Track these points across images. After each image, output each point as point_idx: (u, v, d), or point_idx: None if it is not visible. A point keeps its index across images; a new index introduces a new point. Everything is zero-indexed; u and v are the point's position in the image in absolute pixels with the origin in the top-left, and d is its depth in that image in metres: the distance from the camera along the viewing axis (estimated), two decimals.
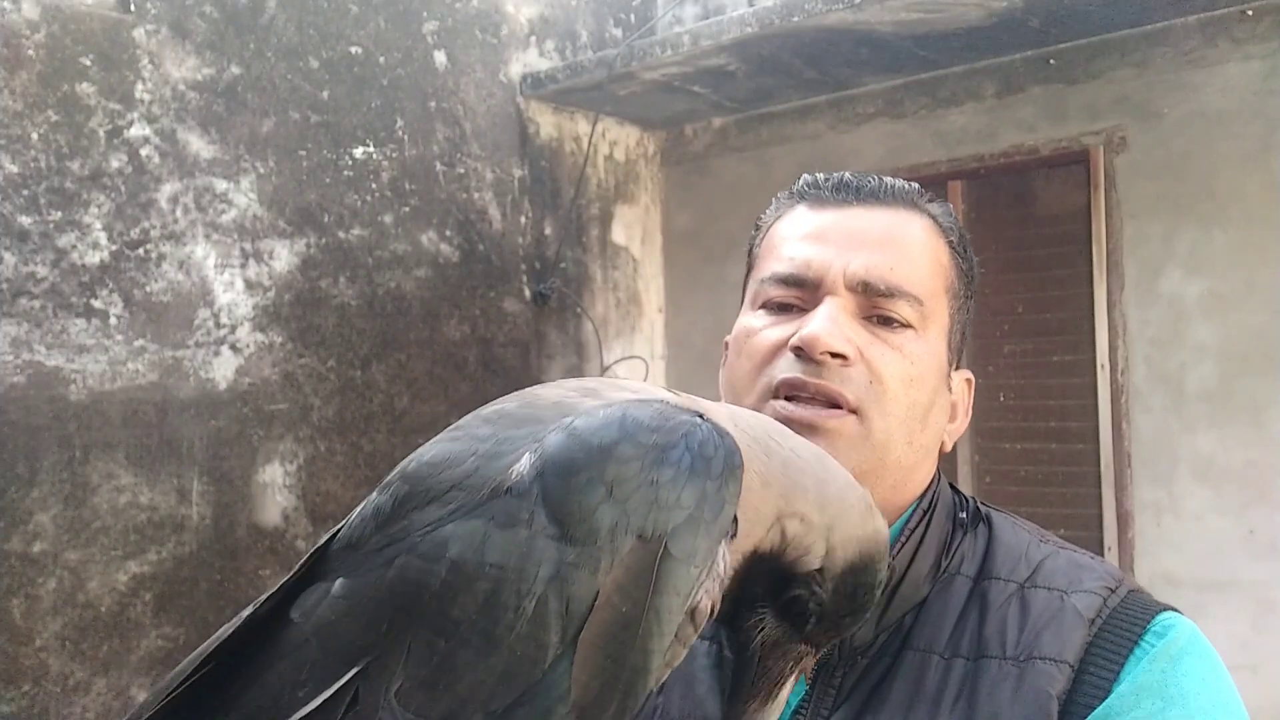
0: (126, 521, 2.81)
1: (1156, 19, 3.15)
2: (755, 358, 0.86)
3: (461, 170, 3.66)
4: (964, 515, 0.89)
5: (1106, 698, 0.74)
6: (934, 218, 0.90)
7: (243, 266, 3.07)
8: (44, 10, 2.70)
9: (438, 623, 0.57)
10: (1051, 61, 3.40)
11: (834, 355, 0.82)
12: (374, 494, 0.65)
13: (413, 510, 0.61)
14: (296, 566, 0.65)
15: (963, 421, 0.93)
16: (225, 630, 0.64)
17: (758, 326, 0.87)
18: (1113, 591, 0.80)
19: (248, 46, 3.10)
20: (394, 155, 3.45)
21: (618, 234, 4.23)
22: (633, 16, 4.23)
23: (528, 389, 0.70)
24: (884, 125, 3.78)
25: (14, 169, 2.64)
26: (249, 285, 3.09)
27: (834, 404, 0.82)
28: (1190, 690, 0.74)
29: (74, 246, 2.74)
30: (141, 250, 2.87)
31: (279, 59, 3.17)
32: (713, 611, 0.62)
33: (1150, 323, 3.22)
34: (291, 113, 3.19)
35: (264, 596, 0.64)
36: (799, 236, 0.88)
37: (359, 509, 0.65)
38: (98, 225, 2.79)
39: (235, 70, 3.07)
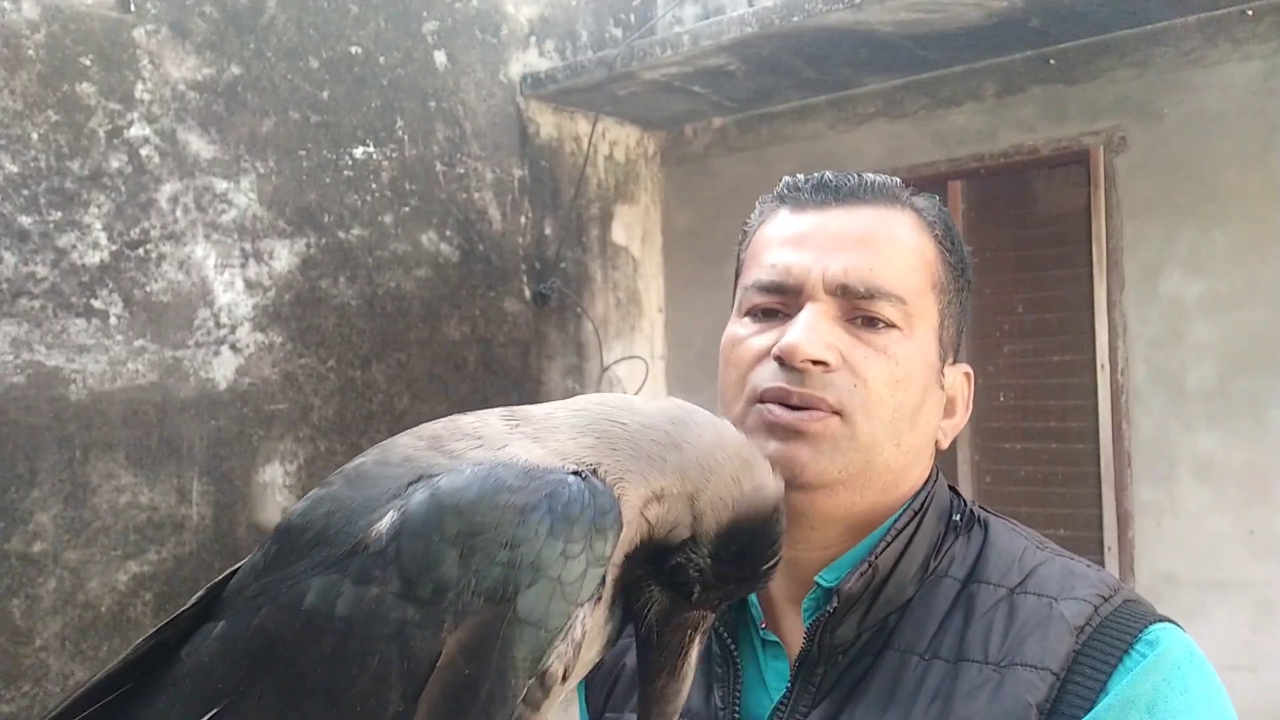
0: (126, 521, 2.81)
1: (1156, 19, 3.15)
2: (741, 366, 0.85)
3: (461, 170, 3.66)
4: (958, 518, 0.88)
5: (1091, 709, 0.72)
6: (918, 211, 0.88)
7: (243, 266, 3.07)
8: (44, 10, 2.70)
9: (289, 672, 0.58)
10: (1051, 61, 3.40)
11: (815, 362, 0.81)
12: (256, 548, 0.68)
13: (283, 563, 0.63)
14: (191, 601, 0.67)
15: (962, 417, 0.92)
16: (130, 654, 0.66)
17: (743, 335, 0.87)
18: (1105, 600, 0.78)
19: (248, 46, 3.10)
20: (394, 155, 3.45)
21: (618, 234, 4.23)
22: (633, 16, 4.23)
23: (388, 440, 0.71)
24: (884, 125, 3.78)
25: (14, 169, 2.64)
26: (249, 285, 3.09)
27: (818, 408, 0.82)
28: (1181, 707, 0.71)
29: (74, 246, 2.74)
30: (141, 250, 2.87)
31: (279, 59, 3.17)
32: (565, 677, 0.61)
33: (1150, 323, 3.22)
34: (291, 113, 3.19)
35: (164, 624, 0.67)
36: (780, 242, 0.87)
37: (249, 557, 0.68)
38: (98, 225, 2.78)
39: (235, 70, 3.07)
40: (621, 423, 0.67)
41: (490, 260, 3.73)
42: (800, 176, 0.91)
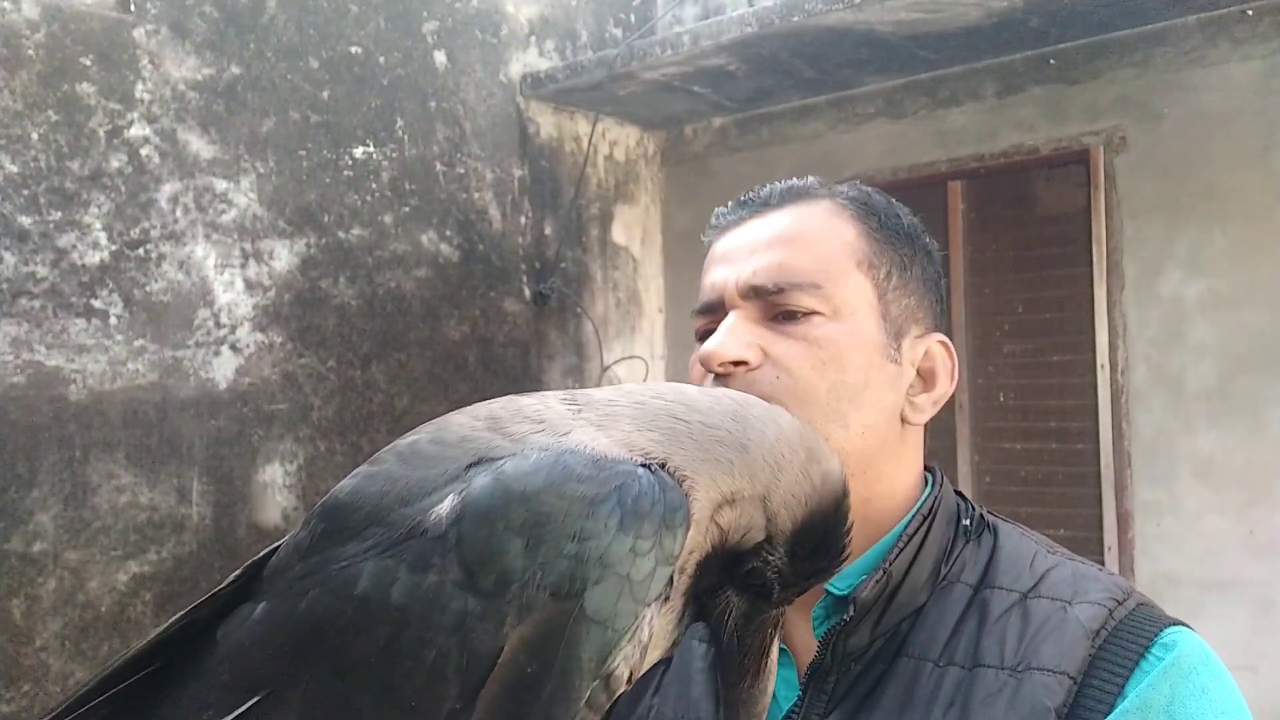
0: (126, 521, 2.81)
1: (1156, 19, 3.15)
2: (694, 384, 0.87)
3: (461, 170, 3.66)
4: (967, 523, 0.87)
5: (1109, 712, 0.72)
6: (834, 198, 0.90)
7: (243, 266, 3.07)
8: (44, 10, 2.70)
9: (338, 661, 0.55)
10: (1051, 61, 3.40)
11: (736, 363, 0.82)
12: (299, 526, 0.64)
13: (332, 544, 0.59)
14: (229, 578, 0.64)
15: (946, 386, 0.90)
16: (160, 633, 0.63)
17: (693, 358, 0.89)
18: (1119, 604, 0.78)
19: (248, 46, 3.10)
20: (394, 155, 3.45)
21: (618, 234, 4.23)
22: (633, 16, 4.23)
23: (441, 418, 0.68)
24: (884, 125, 3.78)
25: (14, 169, 2.64)
26: (249, 285, 3.09)
27: None
28: (1199, 710, 0.72)
29: (74, 246, 2.74)
30: (141, 250, 2.87)
31: (279, 59, 3.17)
32: (631, 679, 0.59)
33: (1150, 323, 3.22)
34: (291, 113, 3.19)
35: (197, 602, 0.63)
36: (710, 266, 0.91)
37: (290, 534, 0.64)
38: (98, 225, 2.78)
39: (235, 70, 3.07)
40: (684, 420, 0.65)
41: (490, 260, 3.73)
42: (729, 202, 0.95)
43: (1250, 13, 3.04)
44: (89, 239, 2.77)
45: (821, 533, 0.66)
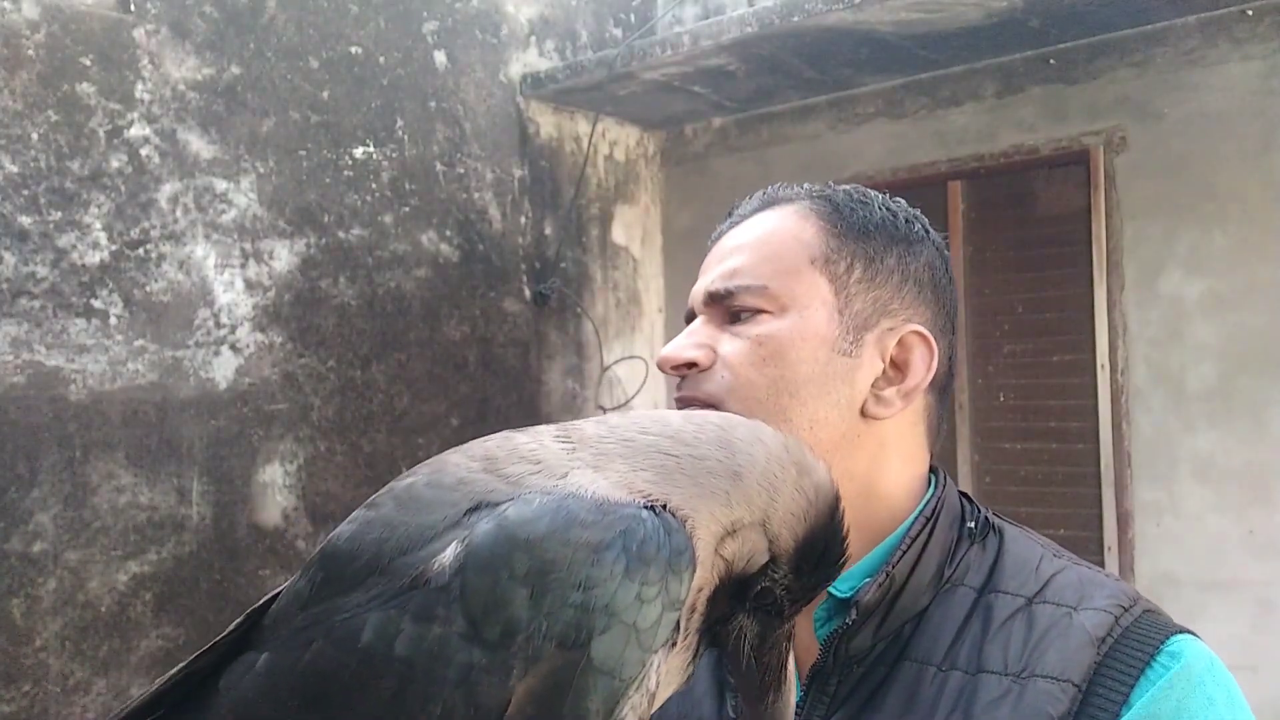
0: (126, 521, 2.81)
1: (1156, 19, 3.15)
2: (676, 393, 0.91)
3: (461, 170, 3.66)
4: (972, 525, 0.86)
5: None
6: (806, 199, 0.91)
7: (243, 266, 3.07)
8: (44, 10, 2.70)
9: (344, 715, 0.55)
10: (1051, 61, 3.40)
11: (688, 365, 0.86)
12: (299, 572, 0.63)
13: (334, 594, 0.59)
14: (230, 627, 0.64)
15: (921, 376, 0.87)
16: (161, 685, 0.62)
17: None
18: (1125, 610, 0.77)
19: (248, 46, 3.10)
20: (394, 155, 3.45)
21: (618, 234, 4.23)
22: (633, 16, 4.23)
23: (436, 458, 0.67)
24: (884, 125, 3.78)
25: (14, 169, 2.64)
26: (249, 285, 3.09)
27: (692, 405, 0.85)
28: None
29: (74, 246, 2.74)
30: (141, 250, 2.87)
31: (279, 59, 3.17)
32: None
33: (1150, 323, 3.22)
34: (291, 113, 3.19)
35: (198, 653, 0.63)
36: (700, 275, 0.93)
37: (290, 582, 0.64)
38: (98, 225, 2.78)
39: (235, 70, 3.07)
40: (674, 455, 0.64)
41: (490, 260, 3.73)
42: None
43: (1250, 13, 3.04)
44: (89, 239, 2.77)
45: (823, 544, 0.67)
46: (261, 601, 0.65)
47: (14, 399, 2.62)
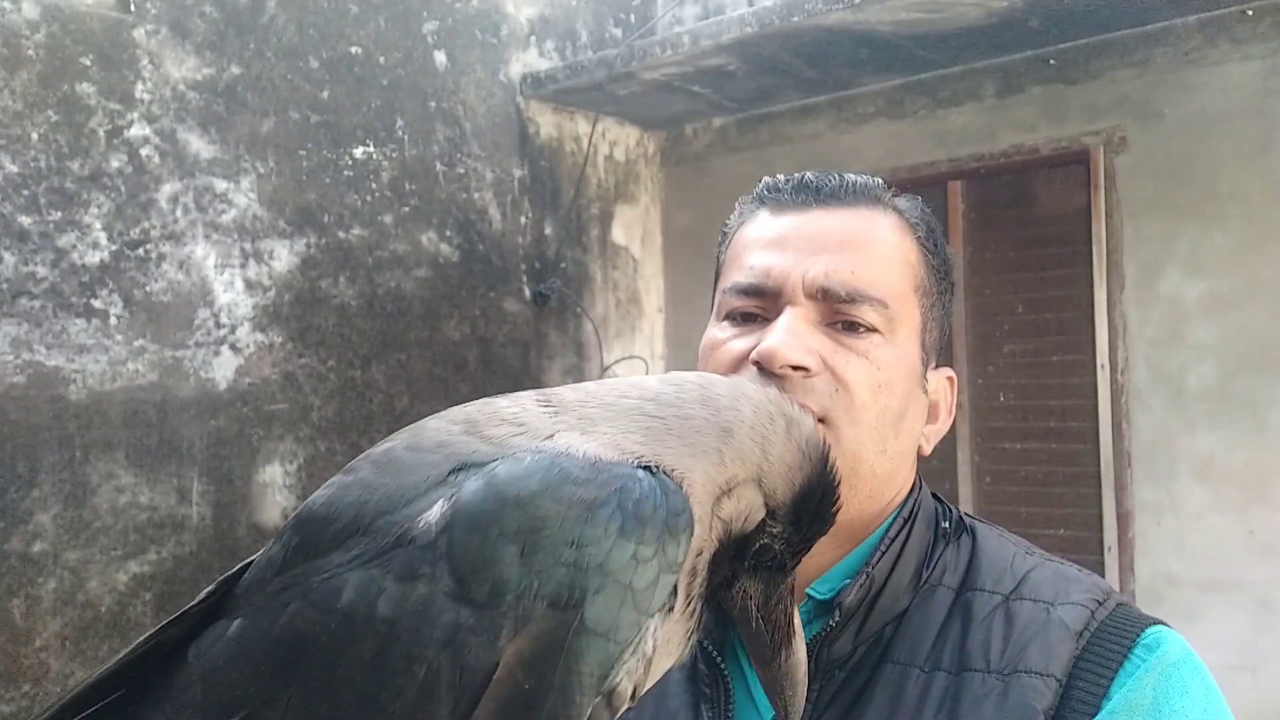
0: (126, 521, 2.80)
1: (1156, 19, 3.15)
2: (720, 371, 0.82)
3: (461, 170, 3.66)
4: (946, 525, 0.86)
5: (1096, 713, 0.72)
6: (900, 213, 0.87)
7: (243, 266, 3.07)
8: (44, 10, 2.70)
9: (321, 680, 0.52)
10: (1051, 61, 3.40)
11: (795, 368, 0.79)
12: (272, 541, 0.60)
13: (310, 557, 0.56)
14: (200, 596, 0.61)
15: (945, 422, 0.90)
16: (125, 655, 0.59)
17: (722, 339, 0.85)
18: (1100, 604, 0.78)
19: (248, 46, 3.10)
20: (394, 155, 3.45)
21: (618, 234, 4.23)
22: (633, 16, 4.23)
23: (414, 424, 0.65)
24: (884, 125, 3.78)
25: (14, 169, 2.64)
26: (249, 285, 3.09)
27: None
28: (1182, 708, 0.72)
29: (74, 246, 2.74)
30: (141, 250, 2.87)
31: (279, 59, 3.17)
32: (634, 695, 0.56)
33: (1150, 323, 3.22)
34: (291, 113, 3.19)
35: (166, 622, 0.60)
36: (759, 244, 0.85)
37: (263, 550, 0.61)
38: (98, 225, 2.78)
39: (235, 70, 3.07)
40: (658, 416, 0.62)
41: (490, 260, 3.73)
42: (781, 177, 0.90)
43: (1250, 13, 3.03)
44: (89, 239, 2.77)
45: (819, 493, 0.65)
46: (232, 571, 0.62)
47: (14, 399, 2.62)
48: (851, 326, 0.81)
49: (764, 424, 0.64)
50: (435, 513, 0.54)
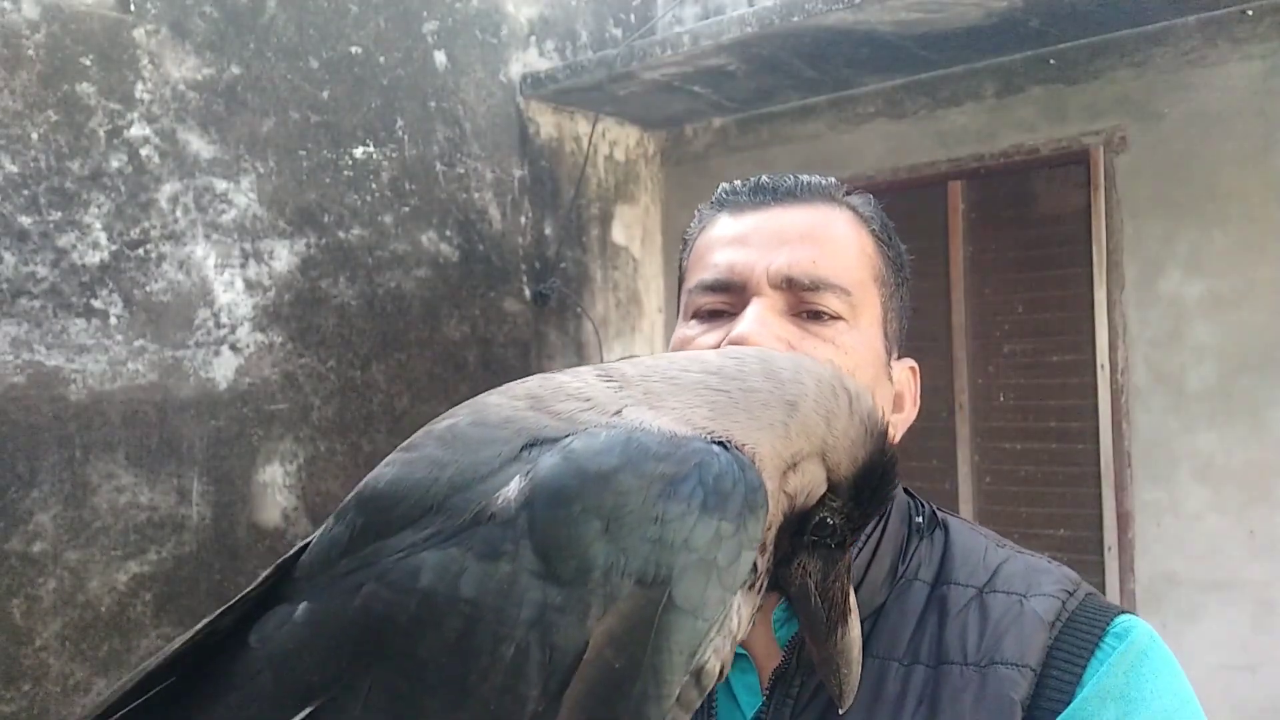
0: (126, 521, 2.81)
1: (1156, 19, 3.15)
2: None
3: (461, 170, 3.66)
4: (920, 520, 0.87)
5: (1070, 701, 0.74)
6: (854, 209, 0.90)
7: (243, 266, 3.07)
8: (44, 10, 2.70)
9: (403, 663, 0.51)
10: (1051, 61, 3.40)
11: None
12: (331, 520, 0.59)
13: (380, 536, 0.55)
14: (256, 581, 0.59)
15: (910, 411, 0.92)
16: (178, 646, 0.57)
17: (691, 335, 0.86)
18: (1070, 594, 0.80)
19: (248, 46, 3.10)
20: (394, 155, 3.45)
21: (618, 234, 4.23)
22: (633, 16, 4.23)
23: (472, 400, 0.63)
24: (884, 125, 3.78)
25: (14, 169, 2.64)
26: (249, 285, 3.09)
27: None
28: (1152, 692, 0.74)
29: (74, 246, 2.74)
30: (141, 250, 2.87)
31: (279, 59, 3.17)
32: (722, 673, 0.56)
33: (1150, 323, 3.22)
34: (291, 113, 3.19)
35: (221, 610, 0.58)
36: (723, 243, 0.88)
37: (320, 530, 0.60)
38: (98, 225, 2.78)
39: (235, 70, 3.07)
40: (724, 390, 0.61)
41: (490, 260, 3.73)
42: (738, 182, 0.94)
43: (1250, 13, 3.03)
44: (89, 239, 2.77)
45: (880, 469, 0.65)
46: (288, 555, 0.60)
47: (14, 399, 2.62)
48: (816, 315, 0.84)
49: (828, 398, 0.63)
50: (513, 489, 0.53)
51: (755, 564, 0.57)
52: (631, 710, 0.50)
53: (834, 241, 0.86)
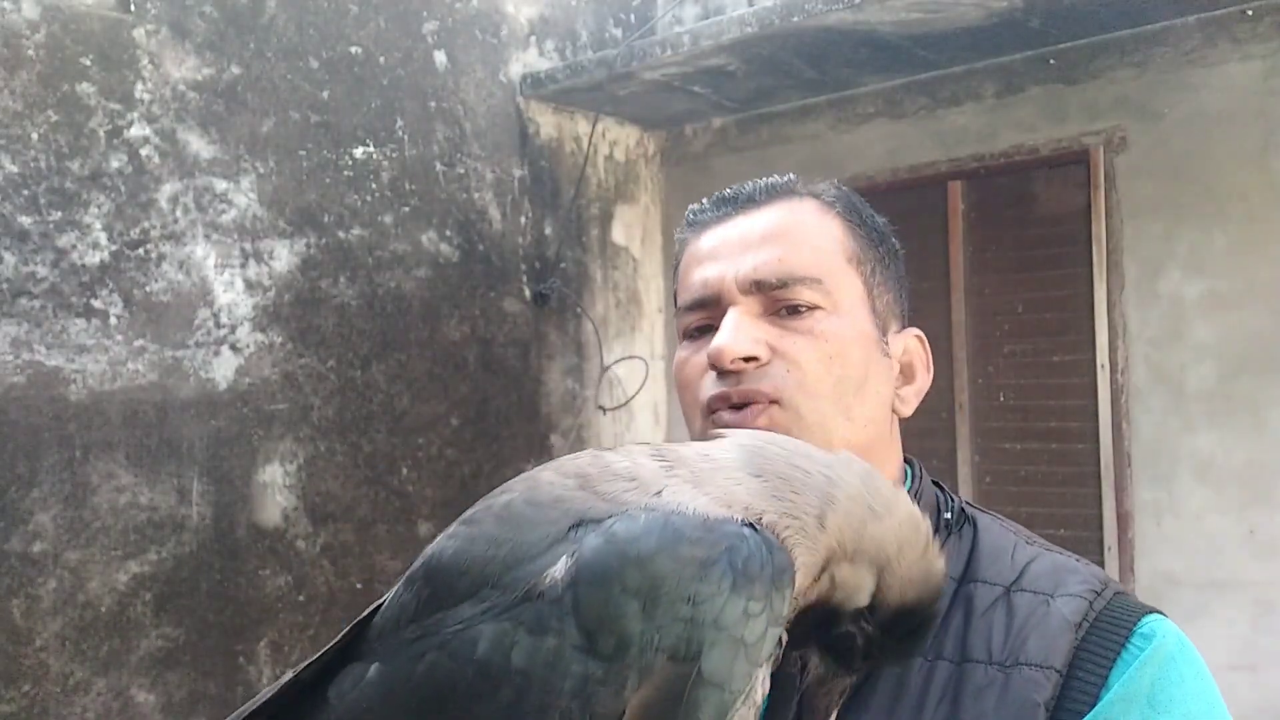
0: (126, 521, 2.81)
1: (1156, 19, 3.15)
2: (690, 385, 0.87)
3: (461, 170, 3.66)
4: (949, 515, 0.88)
5: (1095, 704, 0.74)
6: (817, 197, 0.91)
7: (243, 266, 3.07)
8: (44, 10, 2.70)
9: None
10: (1051, 61, 3.40)
11: (747, 359, 0.83)
12: (400, 585, 0.65)
13: (443, 607, 0.61)
14: (337, 638, 0.65)
15: (924, 378, 0.93)
16: (268, 694, 0.64)
17: (685, 356, 0.90)
18: (1098, 595, 0.79)
19: (248, 46, 3.10)
20: (394, 155, 3.45)
21: (618, 234, 4.23)
22: (633, 16, 4.23)
23: (528, 474, 0.68)
24: (884, 125, 3.78)
25: (14, 169, 2.64)
26: (249, 285, 3.09)
27: (756, 401, 0.83)
28: (1179, 698, 0.74)
29: (74, 246, 2.74)
30: (141, 250, 2.87)
31: (279, 59, 3.17)
32: None
33: (1150, 323, 3.22)
34: (291, 113, 3.19)
35: (306, 663, 0.64)
36: (696, 263, 0.91)
37: (392, 592, 0.65)
38: (98, 225, 2.79)
39: (235, 70, 3.07)
40: (805, 470, 0.65)
41: (490, 260, 3.73)
42: (704, 200, 0.97)
43: (1250, 13, 3.03)
44: (89, 239, 2.77)
45: (921, 619, 0.68)
46: (365, 613, 0.66)
47: (14, 399, 2.62)
48: (794, 310, 0.85)
49: (909, 528, 0.67)
50: (560, 569, 0.58)
51: (780, 639, 0.60)
52: None
53: (798, 234, 0.88)
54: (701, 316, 0.89)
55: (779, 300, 0.85)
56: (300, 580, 3.13)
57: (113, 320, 2.81)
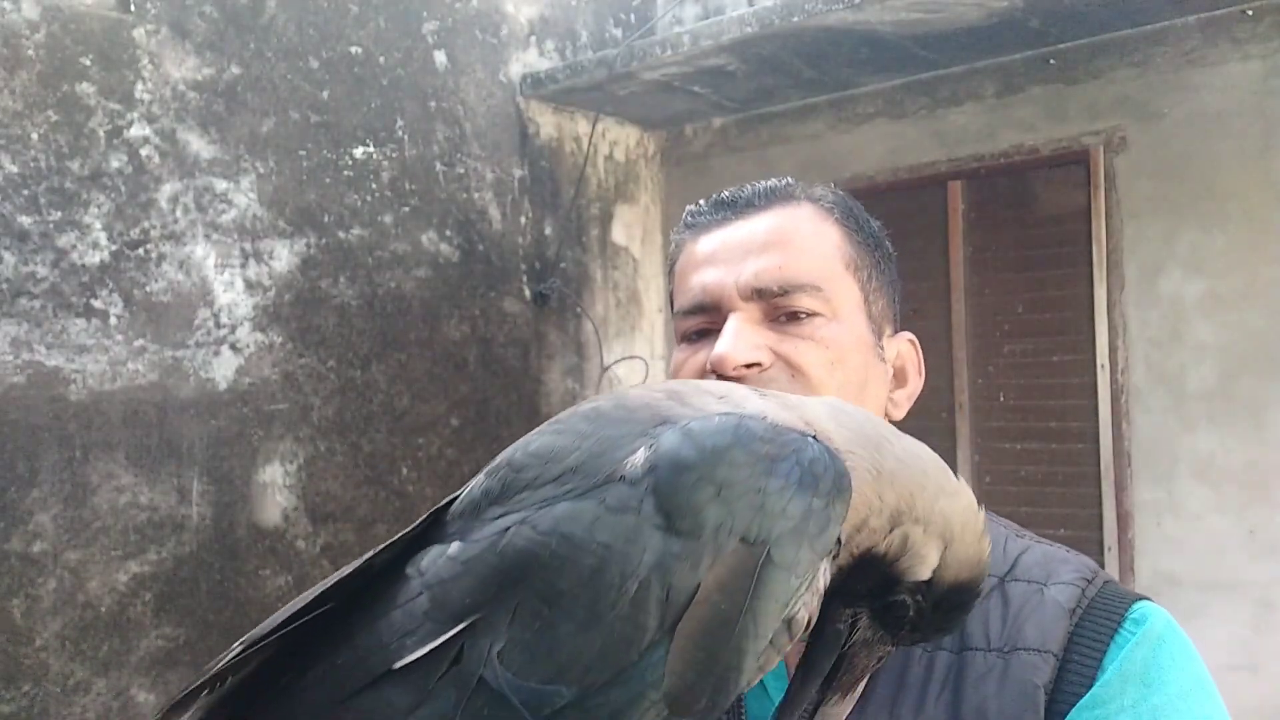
0: (126, 521, 2.81)
1: (1156, 19, 3.15)
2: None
3: (461, 170, 3.66)
4: None
5: (1091, 686, 0.76)
6: (815, 202, 0.92)
7: (243, 266, 3.07)
8: (44, 10, 2.70)
9: (544, 591, 0.59)
10: (1051, 61, 3.40)
11: (749, 366, 0.84)
12: (481, 476, 0.68)
13: (526, 489, 0.64)
14: (414, 525, 0.68)
15: (915, 382, 0.95)
16: (343, 573, 0.66)
17: (683, 358, 0.91)
18: (1089, 582, 0.82)
19: (248, 46, 3.10)
20: (394, 155, 3.45)
21: (618, 234, 4.23)
22: (633, 16, 4.23)
23: (617, 390, 0.70)
24: (884, 125, 3.78)
25: (14, 169, 2.64)
26: (249, 285, 3.09)
27: None
28: (1170, 676, 0.77)
29: (74, 246, 2.74)
30: (141, 250, 2.87)
31: (279, 59, 3.17)
32: (809, 625, 0.63)
33: (1150, 323, 3.22)
34: (291, 113, 3.19)
35: (379, 548, 0.67)
36: (694, 266, 0.92)
37: (470, 485, 0.68)
38: (98, 225, 2.79)
39: (235, 70, 3.07)
40: (889, 439, 0.70)
41: (490, 260, 3.73)
42: (701, 202, 0.98)
43: (1250, 13, 3.04)
44: (89, 239, 2.77)
45: (966, 599, 0.70)
46: (439, 505, 0.69)
47: (14, 399, 2.62)
48: (794, 316, 0.87)
49: (971, 515, 0.70)
50: (640, 456, 0.62)
51: (839, 538, 0.64)
52: (733, 647, 0.58)
53: (798, 241, 0.89)
54: (701, 321, 0.90)
55: (779, 307, 0.87)
56: (300, 580, 3.13)
57: (113, 320, 2.81)
